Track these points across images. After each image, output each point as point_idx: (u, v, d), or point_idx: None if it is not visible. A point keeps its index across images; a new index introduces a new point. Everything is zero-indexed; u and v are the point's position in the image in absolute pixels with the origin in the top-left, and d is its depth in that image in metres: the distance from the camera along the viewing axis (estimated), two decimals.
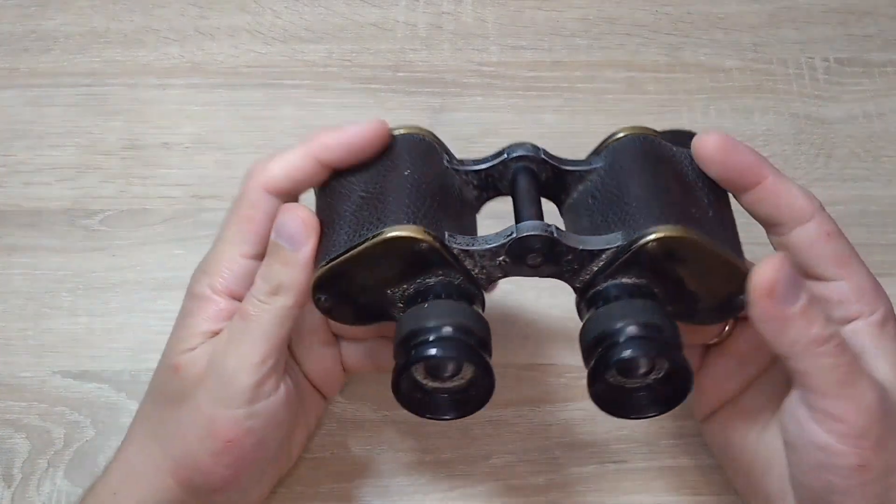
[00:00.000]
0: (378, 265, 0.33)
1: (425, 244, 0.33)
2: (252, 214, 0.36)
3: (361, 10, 0.54)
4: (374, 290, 0.34)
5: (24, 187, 0.49)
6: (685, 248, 0.33)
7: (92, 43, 0.52)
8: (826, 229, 0.35)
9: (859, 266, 0.36)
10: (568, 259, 0.34)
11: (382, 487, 0.43)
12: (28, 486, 0.43)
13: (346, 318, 0.36)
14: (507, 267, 0.34)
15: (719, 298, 0.34)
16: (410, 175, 0.35)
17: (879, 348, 0.35)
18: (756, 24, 0.54)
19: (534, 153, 0.37)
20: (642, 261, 0.33)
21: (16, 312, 0.47)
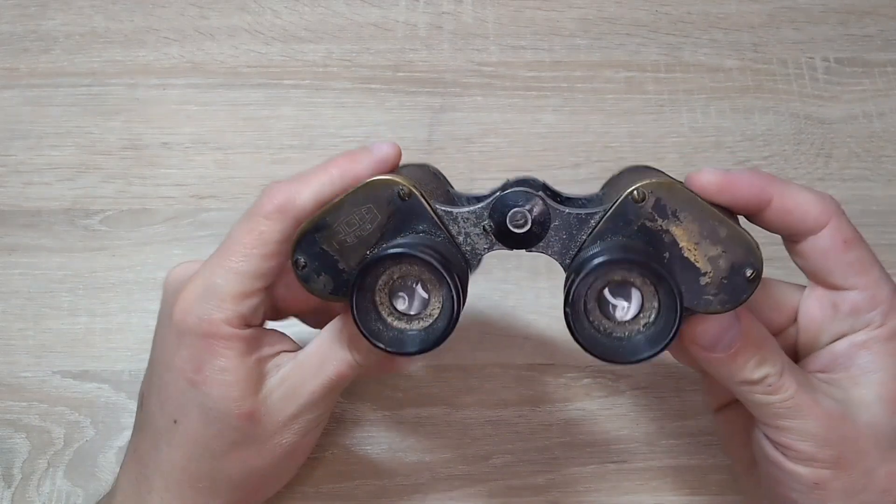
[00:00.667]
0: (359, 215, 0.33)
1: (404, 188, 0.33)
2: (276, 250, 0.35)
3: (361, 10, 0.54)
4: (355, 250, 0.33)
5: (24, 187, 0.49)
6: (673, 196, 0.31)
7: (92, 43, 0.52)
8: (842, 237, 0.34)
9: (878, 273, 0.35)
10: (556, 226, 0.33)
11: (382, 487, 0.43)
12: (28, 485, 0.43)
13: (325, 289, 0.34)
14: (492, 235, 0.33)
15: (722, 272, 0.32)
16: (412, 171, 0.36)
17: (876, 364, 0.34)
18: (756, 24, 0.54)
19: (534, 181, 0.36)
20: (629, 216, 0.32)
21: (16, 312, 0.47)
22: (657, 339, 0.31)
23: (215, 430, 0.36)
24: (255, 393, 0.36)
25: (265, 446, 0.37)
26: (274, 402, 0.36)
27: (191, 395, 0.36)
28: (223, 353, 0.35)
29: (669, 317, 0.30)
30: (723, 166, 0.50)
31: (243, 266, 0.35)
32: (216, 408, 0.36)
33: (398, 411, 0.45)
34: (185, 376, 0.36)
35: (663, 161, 0.50)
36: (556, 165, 0.50)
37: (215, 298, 0.35)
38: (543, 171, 0.50)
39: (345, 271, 0.34)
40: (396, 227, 0.33)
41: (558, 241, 0.33)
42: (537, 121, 0.51)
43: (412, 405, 0.45)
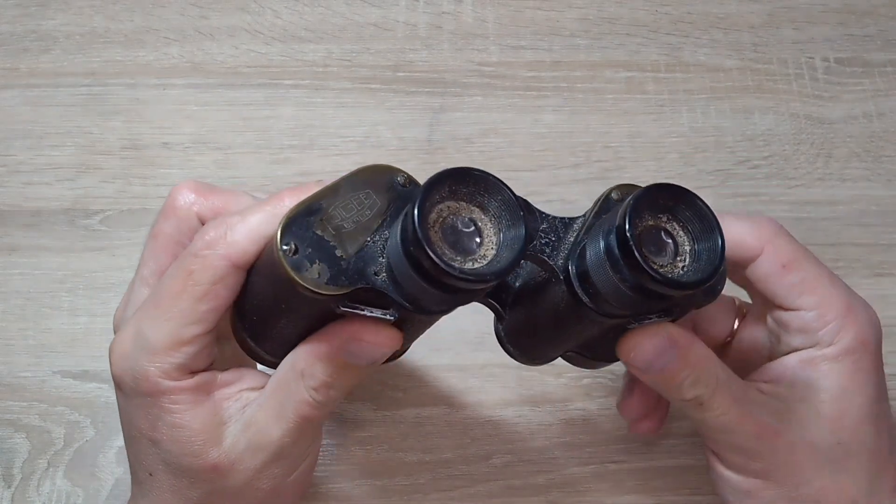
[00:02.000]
0: (357, 200, 0.31)
1: (404, 175, 0.31)
2: (215, 292, 0.32)
3: (361, 10, 0.54)
4: (353, 236, 0.31)
5: (24, 187, 0.49)
6: None
7: (92, 43, 0.52)
8: (780, 261, 0.35)
9: (826, 290, 0.35)
10: (544, 228, 0.32)
11: (382, 487, 0.43)
12: (28, 485, 0.43)
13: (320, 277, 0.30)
14: None
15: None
16: None
17: (821, 383, 0.35)
18: (756, 23, 0.54)
19: None
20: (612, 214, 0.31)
21: (16, 312, 0.47)
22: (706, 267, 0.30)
23: (186, 482, 0.34)
24: (216, 443, 0.33)
25: (244, 494, 0.34)
26: (241, 452, 0.33)
27: (154, 452, 0.34)
28: (170, 409, 0.32)
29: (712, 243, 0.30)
30: (723, 166, 0.50)
31: (173, 313, 0.32)
32: (179, 463, 0.33)
33: (398, 411, 0.45)
34: (145, 434, 0.33)
35: (663, 161, 0.50)
36: (556, 165, 0.50)
37: (145, 352, 0.32)
38: (543, 171, 0.50)
39: (342, 259, 0.30)
40: (396, 215, 0.31)
41: (548, 244, 0.32)
42: (537, 121, 0.51)
43: (412, 405, 0.45)
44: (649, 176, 0.50)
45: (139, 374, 0.32)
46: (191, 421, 0.32)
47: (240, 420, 0.33)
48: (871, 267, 0.48)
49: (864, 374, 0.34)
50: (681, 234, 0.31)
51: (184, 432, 0.32)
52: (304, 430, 0.33)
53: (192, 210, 0.34)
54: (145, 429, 0.33)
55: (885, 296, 0.47)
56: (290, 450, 0.34)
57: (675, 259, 0.31)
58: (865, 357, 0.35)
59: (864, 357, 0.35)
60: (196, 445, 0.33)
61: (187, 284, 0.31)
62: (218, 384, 0.34)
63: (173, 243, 0.35)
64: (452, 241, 0.29)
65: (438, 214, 0.30)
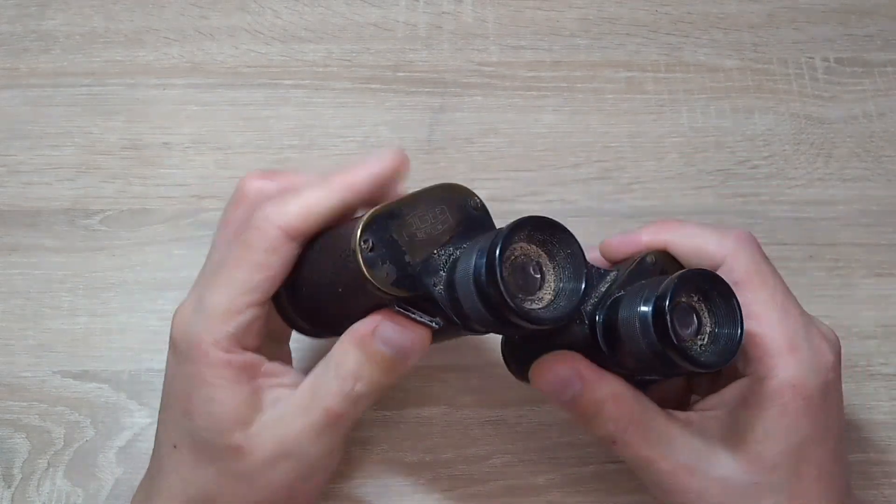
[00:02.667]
0: (432, 213, 0.33)
1: (477, 200, 0.34)
2: (269, 261, 0.33)
3: (361, 10, 0.54)
4: (423, 246, 0.33)
5: (24, 187, 0.49)
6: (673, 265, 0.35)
7: (92, 43, 0.52)
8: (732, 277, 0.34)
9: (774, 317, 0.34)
10: None
11: (382, 487, 0.43)
12: (28, 485, 0.43)
13: (388, 278, 0.33)
14: None
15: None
16: None
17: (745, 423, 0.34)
18: (756, 23, 0.54)
19: None
20: (643, 276, 0.35)
21: (16, 312, 0.47)
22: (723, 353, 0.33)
23: (206, 458, 0.34)
24: (244, 427, 0.34)
25: (256, 483, 0.34)
26: (262, 440, 0.34)
27: (184, 423, 0.34)
28: (211, 382, 0.33)
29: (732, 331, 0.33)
30: (723, 166, 0.50)
31: (230, 281, 0.33)
32: (204, 438, 0.34)
33: (398, 411, 0.45)
34: (180, 404, 0.34)
35: (663, 161, 0.50)
36: (556, 165, 0.50)
37: (204, 317, 0.33)
38: (543, 171, 0.50)
39: (410, 265, 0.33)
40: (464, 234, 0.33)
41: None
42: (537, 121, 0.51)
43: (412, 405, 0.45)
44: (649, 176, 0.50)
45: (193, 339, 0.33)
46: (225, 398, 0.33)
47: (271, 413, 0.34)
48: (870, 267, 0.48)
49: (790, 418, 0.34)
50: (706, 315, 0.33)
51: (216, 407, 0.33)
52: (325, 427, 0.34)
53: (263, 194, 0.35)
54: (182, 398, 0.34)
55: (885, 296, 0.47)
56: (308, 448, 0.34)
57: (696, 336, 0.33)
58: (796, 401, 0.33)
59: (795, 401, 0.33)
60: (223, 423, 0.33)
61: (244, 253, 0.33)
62: (262, 372, 0.35)
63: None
64: (518, 280, 0.32)
65: (512, 252, 0.32)
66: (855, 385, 0.45)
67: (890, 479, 0.44)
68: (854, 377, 0.46)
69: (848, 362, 0.46)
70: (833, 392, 0.35)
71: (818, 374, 0.34)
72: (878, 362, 0.46)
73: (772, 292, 0.34)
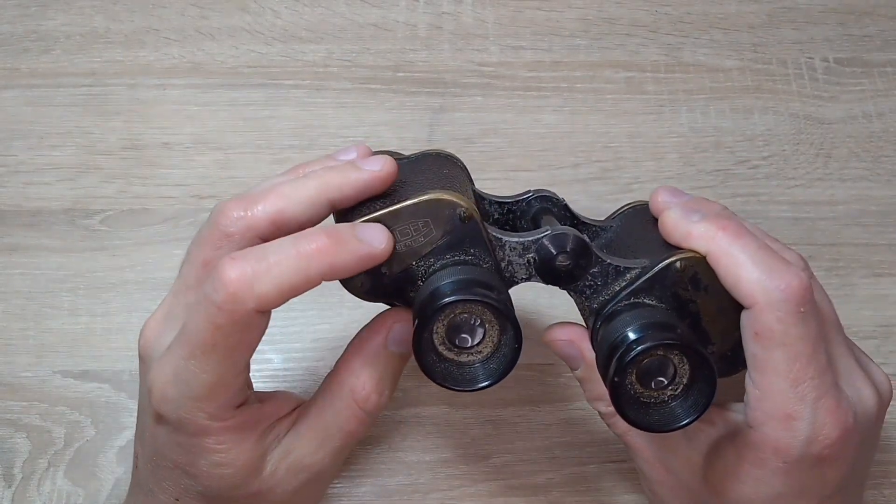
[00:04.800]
0: (414, 226, 0.33)
1: (466, 211, 0.33)
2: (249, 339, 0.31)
3: (361, 10, 0.54)
4: (402, 258, 0.33)
5: (25, 187, 0.49)
6: (707, 274, 0.33)
7: (92, 43, 0.52)
8: (754, 328, 0.32)
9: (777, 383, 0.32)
10: (594, 272, 0.34)
11: (382, 487, 0.43)
12: (28, 485, 0.43)
13: (361, 288, 0.34)
14: (533, 267, 0.34)
15: (728, 345, 0.34)
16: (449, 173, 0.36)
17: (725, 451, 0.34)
18: (755, 24, 0.54)
19: (556, 198, 0.38)
20: (666, 282, 0.33)
21: (16, 312, 0.47)
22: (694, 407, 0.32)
23: None
24: (257, 474, 0.33)
25: None
26: (281, 478, 0.33)
27: (187, 483, 0.33)
28: (214, 449, 0.32)
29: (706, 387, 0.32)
30: (722, 166, 0.50)
31: (210, 365, 0.30)
32: (217, 494, 0.33)
33: (398, 411, 0.45)
34: (180, 467, 0.33)
35: (663, 161, 0.50)
36: (556, 165, 0.50)
37: (190, 399, 0.31)
38: (543, 171, 0.50)
39: (386, 275, 0.33)
40: (448, 246, 0.33)
41: (591, 286, 0.34)
42: (537, 121, 0.51)
43: (412, 405, 0.45)
44: (649, 176, 0.50)
45: (185, 418, 0.31)
46: (235, 459, 0.32)
47: (278, 449, 0.33)
48: (870, 267, 0.48)
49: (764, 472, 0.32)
50: (684, 369, 0.32)
51: (227, 470, 0.32)
52: (346, 447, 0.34)
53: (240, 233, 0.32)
54: (182, 462, 0.32)
55: (885, 296, 0.47)
56: (330, 470, 0.35)
57: (668, 386, 0.32)
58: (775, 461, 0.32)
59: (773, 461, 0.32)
60: (237, 479, 0.32)
61: (217, 338, 0.30)
62: (258, 418, 0.33)
63: None
64: (454, 337, 0.32)
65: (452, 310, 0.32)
66: None
67: (890, 479, 0.44)
68: None
69: None
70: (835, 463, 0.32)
71: (813, 445, 0.32)
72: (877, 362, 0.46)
73: (789, 357, 0.31)
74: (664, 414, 0.32)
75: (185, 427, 0.31)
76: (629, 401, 0.32)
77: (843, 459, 0.32)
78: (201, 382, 0.30)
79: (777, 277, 0.31)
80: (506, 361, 0.32)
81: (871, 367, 0.36)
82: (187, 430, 0.31)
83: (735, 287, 0.32)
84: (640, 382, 0.32)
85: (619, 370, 0.31)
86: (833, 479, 0.33)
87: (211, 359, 0.30)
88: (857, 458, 0.33)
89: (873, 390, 0.34)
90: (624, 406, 0.32)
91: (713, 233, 0.33)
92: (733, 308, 0.33)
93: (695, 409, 0.32)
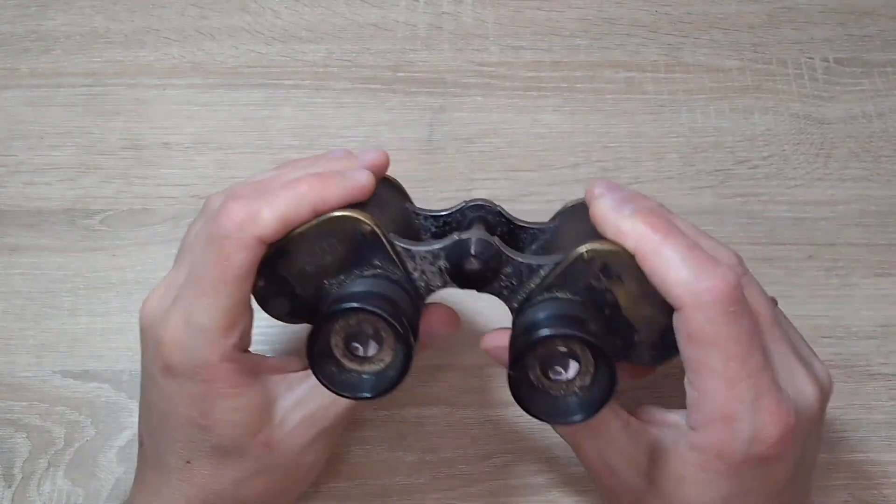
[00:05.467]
0: (320, 246, 0.34)
1: (367, 227, 0.34)
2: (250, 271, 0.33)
3: (361, 10, 0.54)
4: (313, 278, 0.34)
5: (25, 187, 0.49)
6: (618, 262, 0.33)
7: (92, 43, 0.52)
8: (687, 330, 0.31)
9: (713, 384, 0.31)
10: (507, 272, 0.34)
11: (382, 487, 0.43)
12: (28, 485, 0.43)
13: (281, 310, 0.35)
14: (447, 273, 0.34)
15: (656, 332, 0.34)
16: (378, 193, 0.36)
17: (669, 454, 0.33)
18: (755, 24, 0.54)
19: (490, 205, 0.39)
20: (577, 274, 0.33)
21: (16, 312, 0.47)
22: (591, 403, 0.32)
23: (232, 463, 0.35)
24: (269, 421, 0.35)
25: (287, 470, 0.36)
26: (291, 427, 0.35)
27: (202, 438, 0.34)
28: (228, 394, 0.34)
29: (604, 385, 0.31)
30: (722, 166, 0.50)
31: (220, 297, 0.33)
32: (232, 446, 0.34)
33: (398, 411, 0.45)
34: (193, 422, 0.34)
35: (663, 161, 0.50)
36: (556, 165, 0.50)
37: (202, 339, 0.33)
38: (543, 171, 0.50)
39: (301, 297, 0.35)
40: (355, 261, 0.34)
41: (507, 287, 0.34)
42: (537, 121, 0.51)
43: (412, 405, 0.45)
44: (649, 176, 0.50)
45: (199, 360, 0.33)
46: (246, 402, 0.34)
47: (289, 398, 0.35)
48: (870, 267, 0.48)
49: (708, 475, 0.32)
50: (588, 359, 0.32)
51: (239, 414, 0.34)
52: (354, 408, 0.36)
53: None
54: (193, 416, 0.34)
55: (885, 296, 0.47)
56: (339, 427, 0.36)
57: (575, 378, 0.32)
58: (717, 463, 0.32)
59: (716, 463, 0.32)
60: (251, 426, 0.34)
61: (227, 267, 0.32)
62: (264, 365, 0.35)
63: None
64: (349, 348, 0.33)
65: (346, 322, 0.33)
66: (855, 385, 0.45)
67: (890, 479, 0.44)
68: (854, 377, 0.46)
69: (847, 362, 0.46)
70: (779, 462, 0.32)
71: (755, 445, 0.31)
72: (877, 362, 0.46)
73: (722, 357, 0.31)
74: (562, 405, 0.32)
75: (197, 374, 0.33)
76: (530, 390, 0.32)
77: (788, 457, 0.32)
78: (213, 319, 0.33)
79: (705, 278, 0.31)
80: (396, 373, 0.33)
81: (812, 360, 0.35)
82: (200, 376, 0.33)
83: (663, 288, 0.31)
84: (544, 374, 0.32)
85: (514, 361, 0.31)
86: (779, 478, 0.32)
87: (221, 292, 0.33)
88: (801, 454, 0.33)
89: (814, 385, 0.33)
90: (521, 394, 0.32)
91: (641, 230, 0.32)
92: (654, 294, 0.32)
93: (590, 404, 0.32)
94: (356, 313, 0.32)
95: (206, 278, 0.33)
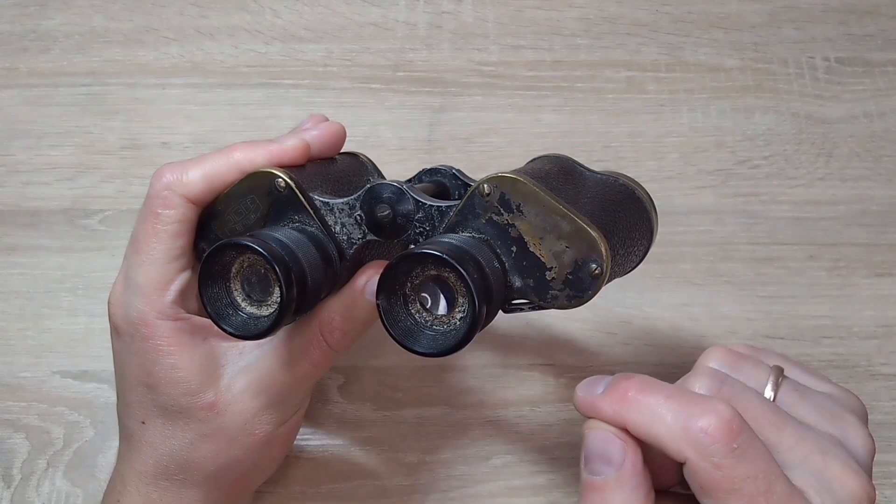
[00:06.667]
0: (244, 205, 0.35)
1: (282, 181, 0.35)
2: (182, 228, 0.35)
3: (361, 9, 0.54)
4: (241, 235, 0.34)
5: (24, 187, 0.49)
6: (517, 192, 0.32)
7: (91, 43, 0.52)
8: (699, 483, 0.29)
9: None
10: (419, 218, 0.34)
11: (382, 487, 0.43)
12: (28, 486, 0.43)
13: None
14: (364, 225, 0.34)
15: (567, 267, 0.32)
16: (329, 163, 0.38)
17: None
18: (756, 23, 0.54)
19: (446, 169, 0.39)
20: (477, 210, 0.32)
21: (16, 312, 0.46)
22: (442, 343, 0.31)
23: (181, 424, 0.36)
24: (214, 383, 0.35)
25: (236, 437, 0.36)
26: (238, 393, 0.36)
27: (150, 398, 0.36)
28: (168, 351, 0.35)
29: (464, 330, 0.31)
30: (723, 166, 0.50)
31: (153, 254, 0.35)
32: (176, 404, 0.35)
33: (398, 411, 0.45)
34: (141, 382, 0.36)
35: (663, 160, 0.50)
36: None
37: (139, 296, 0.35)
38: None
39: None
40: (276, 217, 0.35)
41: (422, 233, 0.34)
42: (537, 120, 0.51)
43: (412, 405, 0.45)
44: (650, 175, 0.50)
45: (135, 317, 0.35)
46: (188, 362, 0.35)
47: (237, 364, 0.36)
48: (871, 267, 0.48)
49: None
50: (462, 290, 0.31)
51: (180, 373, 0.35)
52: (308, 377, 0.36)
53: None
54: (141, 376, 0.35)
55: (885, 296, 0.47)
56: (289, 396, 0.36)
57: (453, 311, 0.31)
58: None
59: None
60: (193, 385, 0.35)
61: (155, 223, 0.35)
62: (214, 332, 0.36)
63: None
64: (248, 289, 0.33)
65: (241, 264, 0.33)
66: (855, 385, 0.45)
67: (890, 479, 0.44)
68: (854, 377, 0.46)
69: (848, 363, 0.46)
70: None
71: None
72: (878, 362, 0.46)
73: (745, 501, 0.29)
74: (417, 334, 0.31)
75: (138, 331, 0.35)
76: (401, 312, 0.31)
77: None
78: (147, 275, 0.35)
79: (696, 421, 0.29)
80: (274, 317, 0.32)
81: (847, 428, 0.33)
82: (139, 333, 0.35)
83: (662, 447, 0.29)
84: (423, 304, 0.32)
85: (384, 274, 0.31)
86: None
87: (153, 248, 0.35)
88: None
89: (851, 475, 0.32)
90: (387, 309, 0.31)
91: (618, 404, 0.30)
92: (561, 223, 0.31)
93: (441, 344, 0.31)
94: (237, 249, 0.32)
95: (139, 236, 0.35)
